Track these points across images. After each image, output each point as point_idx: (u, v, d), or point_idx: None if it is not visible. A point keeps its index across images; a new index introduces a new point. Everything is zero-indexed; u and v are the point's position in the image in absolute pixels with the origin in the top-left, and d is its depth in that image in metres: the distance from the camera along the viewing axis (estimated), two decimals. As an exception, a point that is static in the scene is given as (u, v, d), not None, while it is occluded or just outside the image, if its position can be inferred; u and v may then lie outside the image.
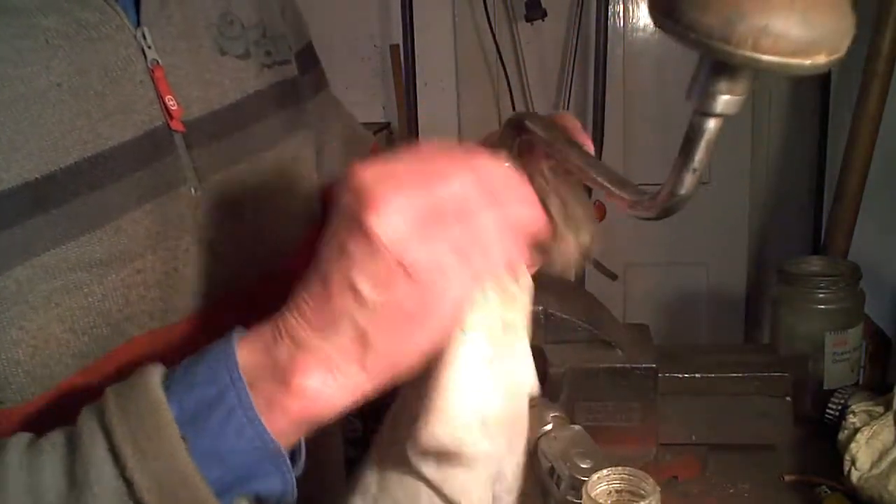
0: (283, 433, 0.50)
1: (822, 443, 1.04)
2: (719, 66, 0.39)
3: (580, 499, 0.68)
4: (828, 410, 1.07)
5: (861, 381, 1.19)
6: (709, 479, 1.00)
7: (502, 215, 0.50)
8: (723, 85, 0.40)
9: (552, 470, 0.69)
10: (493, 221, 0.50)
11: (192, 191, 0.69)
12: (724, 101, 0.40)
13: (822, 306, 1.15)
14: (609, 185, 0.52)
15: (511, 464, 0.63)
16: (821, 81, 2.26)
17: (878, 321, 1.55)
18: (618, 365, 0.90)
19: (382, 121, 2.53)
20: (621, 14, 2.39)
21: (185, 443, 0.49)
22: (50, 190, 0.59)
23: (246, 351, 0.51)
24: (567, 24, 2.39)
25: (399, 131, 2.48)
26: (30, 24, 0.59)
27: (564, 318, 0.89)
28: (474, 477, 0.60)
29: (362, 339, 0.49)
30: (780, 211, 2.46)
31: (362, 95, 2.54)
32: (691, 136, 0.42)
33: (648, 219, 0.49)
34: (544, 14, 2.32)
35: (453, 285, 0.49)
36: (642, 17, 2.39)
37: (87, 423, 0.51)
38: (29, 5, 0.59)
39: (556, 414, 0.76)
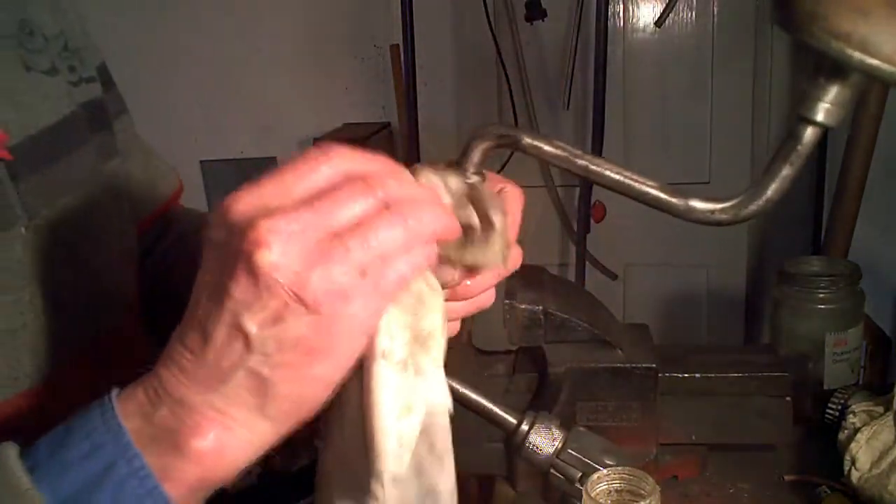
0: (183, 501, 0.45)
1: (822, 443, 1.04)
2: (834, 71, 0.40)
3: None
4: (828, 410, 1.07)
5: (861, 381, 1.19)
6: (709, 479, 1.00)
7: (401, 221, 0.45)
8: (831, 93, 0.40)
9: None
10: (392, 231, 0.44)
11: (23, 229, 0.61)
12: (826, 109, 0.40)
13: (822, 306, 1.15)
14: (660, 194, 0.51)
15: (445, 483, 0.56)
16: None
17: (878, 321, 1.55)
18: (618, 365, 0.90)
19: (382, 121, 2.53)
20: (621, 14, 2.38)
21: None
22: None
23: (122, 417, 0.44)
24: (567, 24, 2.39)
25: (399, 131, 2.48)
26: None
27: (564, 318, 0.88)
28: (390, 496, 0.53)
29: (260, 387, 0.44)
30: (780, 211, 2.45)
31: (362, 95, 2.54)
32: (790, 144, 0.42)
33: (724, 224, 0.47)
34: (544, 14, 2.32)
35: (359, 307, 0.44)
36: (642, 17, 2.39)
37: None
38: None
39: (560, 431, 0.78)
